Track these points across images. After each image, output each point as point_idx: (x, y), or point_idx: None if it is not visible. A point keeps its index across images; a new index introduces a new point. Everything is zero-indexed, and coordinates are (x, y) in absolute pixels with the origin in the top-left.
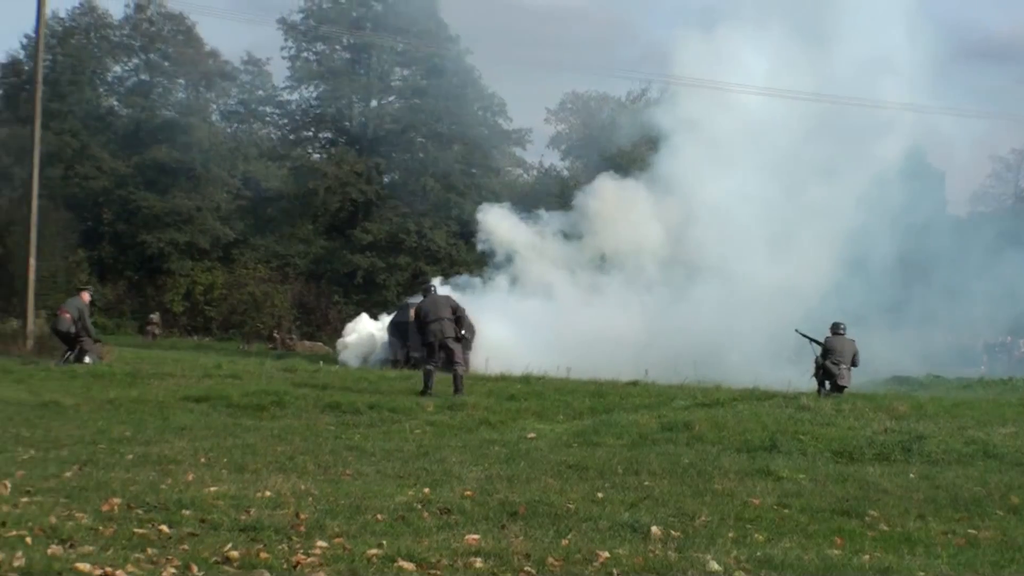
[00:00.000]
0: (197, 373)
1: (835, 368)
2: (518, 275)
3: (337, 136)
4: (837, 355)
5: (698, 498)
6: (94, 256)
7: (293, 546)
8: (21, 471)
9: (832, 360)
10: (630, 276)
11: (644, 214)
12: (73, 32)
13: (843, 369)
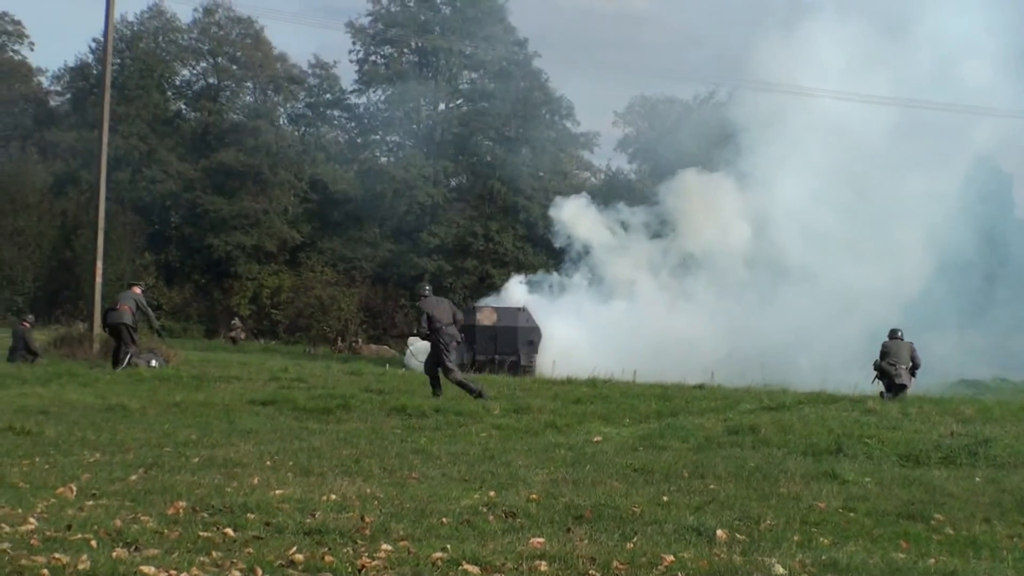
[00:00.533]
0: (263, 376)
1: (891, 368)
2: (596, 272)
3: (404, 139)
4: (893, 356)
5: (763, 502)
6: (161, 259)
7: (358, 549)
8: (87, 474)
9: (888, 361)
10: (713, 276)
11: (729, 211)
12: (141, 36)
13: (900, 369)
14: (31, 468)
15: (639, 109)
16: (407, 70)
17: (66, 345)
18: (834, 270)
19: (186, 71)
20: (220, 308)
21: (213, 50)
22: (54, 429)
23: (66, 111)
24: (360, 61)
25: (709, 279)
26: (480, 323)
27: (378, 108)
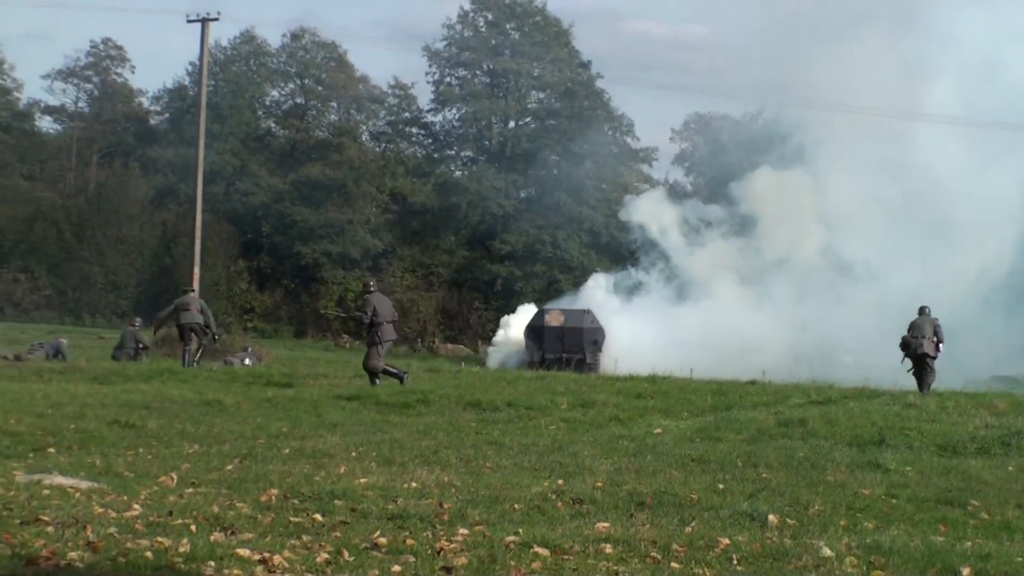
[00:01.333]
0: (348, 374)
1: (914, 341)
2: (671, 270)
3: (478, 154)
4: (918, 330)
5: (812, 489)
6: (253, 266)
7: (437, 533)
8: (186, 464)
9: (912, 334)
10: (784, 275)
11: (803, 209)
12: (234, 60)
13: (922, 340)
14: (135, 458)
15: (694, 125)
16: (479, 90)
17: (166, 345)
18: (896, 273)
19: (275, 92)
20: (308, 311)
21: (300, 72)
22: (156, 422)
23: (165, 129)
24: (436, 82)
25: (779, 278)
26: (548, 324)
27: (453, 125)
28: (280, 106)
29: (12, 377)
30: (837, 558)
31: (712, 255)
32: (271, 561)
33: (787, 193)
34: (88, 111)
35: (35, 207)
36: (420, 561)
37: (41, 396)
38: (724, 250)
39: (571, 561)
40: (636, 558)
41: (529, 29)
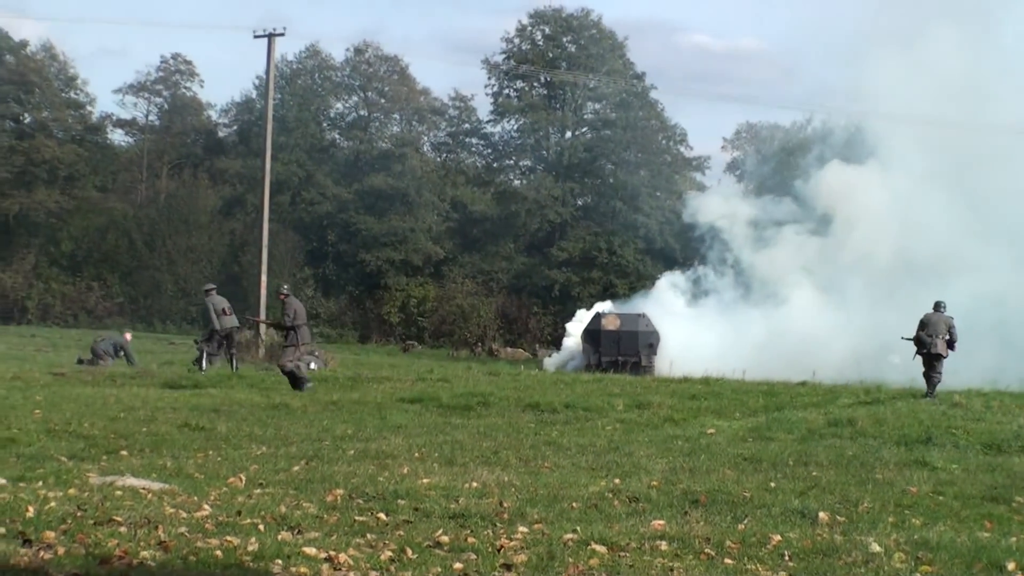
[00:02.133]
0: (411, 377)
1: (928, 339)
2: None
3: (535, 164)
4: (931, 328)
5: (861, 487)
6: (319, 273)
7: (497, 531)
8: (255, 465)
9: (926, 333)
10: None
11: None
12: (299, 74)
13: (936, 339)
14: (205, 460)
15: (745, 135)
16: (537, 102)
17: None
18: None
19: (339, 104)
20: (372, 316)
21: (363, 85)
22: (225, 425)
23: (233, 141)
24: (495, 94)
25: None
26: (605, 328)
27: (511, 136)
28: (344, 118)
29: (86, 382)
30: (886, 554)
31: (783, 254)
32: (337, 559)
33: (859, 189)
34: (159, 124)
35: (108, 218)
36: (481, 559)
37: (114, 400)
38: (796, 249)
39: (627, 558)
40: (690, 555)
41: (585, 42)
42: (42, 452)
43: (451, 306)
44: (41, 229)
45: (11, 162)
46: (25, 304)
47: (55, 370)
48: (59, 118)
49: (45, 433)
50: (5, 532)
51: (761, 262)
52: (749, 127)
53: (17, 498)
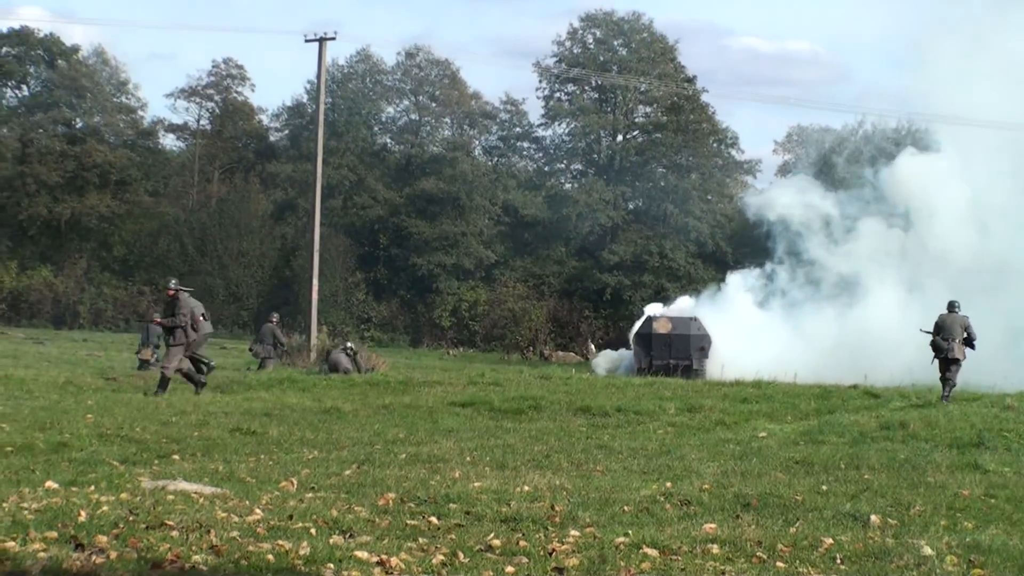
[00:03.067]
0: (463, 381)
1: (944, 343)
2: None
3: (587, 167)
4: (947, 331)
5: (913, 490)
6: (370, 277)
7: (549, 535)
8: (306, 470)
9: (942, 336)
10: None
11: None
12: (350, 78)
13: (952, 344)
14: (256, 464)
15: (796, 138)
16: (588, 105)
17: (286, 355)
18: None
19: (390, 108)
20: (423, 320)
21: (414, 89)
22: (276, 429)
23: (284, 145)
24: (546, 98)
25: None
26: (656, 331)
27: (562, 140)
28: (395, 122)
29: (138, 387)
30: (938, 557)
31: (863, 248)
32: (388, 563)
33: (935, 180)
34: (210, 129)
35: (159, 222)
36: (533, 562)
37: (166, 405)
38: (876, 243)
39: (679, 561)
40: (742, 558)
41: (636, 46)
42: (94, 456)
43: (502, 310)
44: (93, 234)
45: (63, 167)
46: (77, 309)
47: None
48: (111, 123)
49: (97, 437)
50: (58, 536)
51: (837, 258)
52: (800, 130)
53: (69, 502)
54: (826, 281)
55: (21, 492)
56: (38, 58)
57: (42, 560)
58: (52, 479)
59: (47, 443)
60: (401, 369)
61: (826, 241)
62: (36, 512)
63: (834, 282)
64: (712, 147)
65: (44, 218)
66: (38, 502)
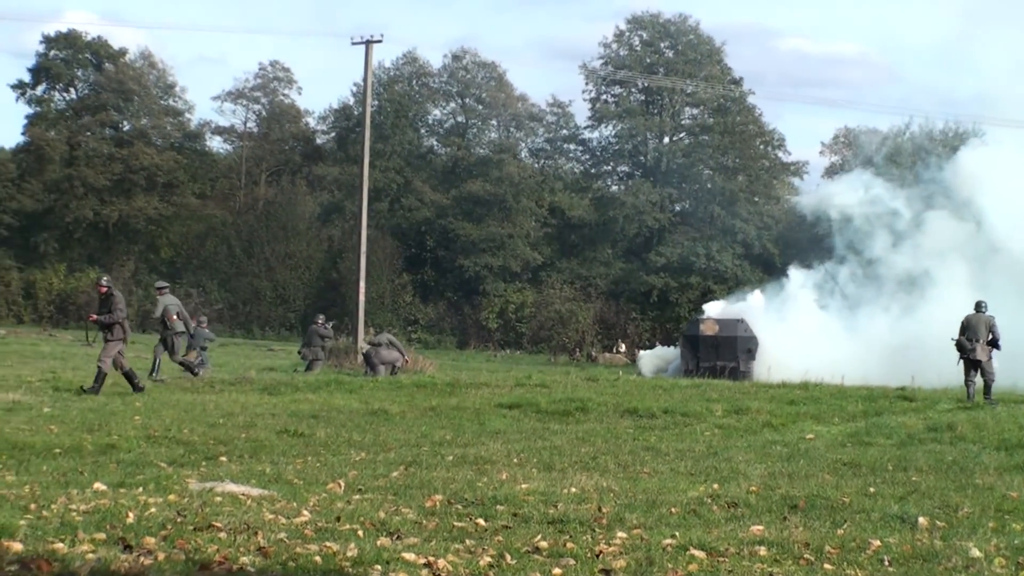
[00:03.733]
0: (509, 383)
1: (968, 344)
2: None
3: (633, 169)
4: (972, 331)
5: (961, 492)
6: (417, 279)
7: (596, 537)
8: (354, 471)
9: (967, 336)
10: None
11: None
12: (397, 80)
13: (977, 344)
14: (304, 466)
15: (843, 139)
16: (635, 107)
17: (333, 356)
18: None
19: (437, 111)
20: (470, 322)
21: (461, 92)
22: (324, 431)
23: (331, 148)
24: (593, 100)
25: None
26: (703, 333)
27: (609, 142)
28: (442, 124)
29: (186, 388)
30: (986, 559)
31: (927, 244)
32: (435, 565)
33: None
34: (257, 131)
35: (207, 224)
36: (580, 564)
37: (213, 407)
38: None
39: (726, 563)
40: (790, 560)
41: (683, 48)
42: (142, 458)
43: (549, 311)
44: (141, 236)
45: (111, 170)
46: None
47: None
48: (158, 125)
49: (145, 439)
50: (106, 538)
51: (902, 255)
52: (847, 131)
53: (117, 504)
54: (889, 279)
55: (69, 494)
56: (86, 61)
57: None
58: (100, 481)
59: (95, 445)
60: (448, 371)
61: (890, 237)
62: (84, 514)
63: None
64: (759, 149)
65: (92, 221)
66: (86, 504)
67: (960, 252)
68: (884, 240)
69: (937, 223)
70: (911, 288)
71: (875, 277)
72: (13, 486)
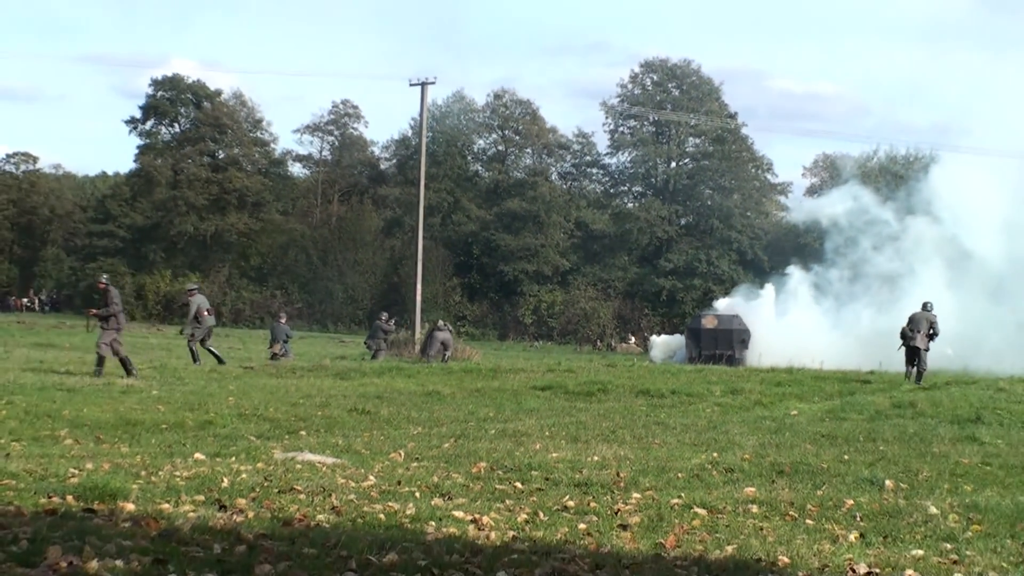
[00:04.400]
0: (542, 369)
1: (910, 332)
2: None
3: (646, 189)
4: (915, 324)
5: (920, 459)
6: (465, 282)
7: (615, 497)
8: (412, 443)
9: (910, 327)
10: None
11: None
12: (447, 115)
13: (917, 335)
14: (370, 439)
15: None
16: (647, 137)
17: (394, 347)
18: None
19: (481, 141)
20: (509, 318)
21: (501, 125)
22: (387, 410)
23: (392, 172)
24: (611, 131)
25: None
26: (704, 327)
27: (625, 166)
28: (485, 152)
29: (271, 374)
30: (942, 515)
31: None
32: (481, 521)
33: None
34: (330, 158)
35: (288, 237)
36: (601, 520)
37: (294, 389)
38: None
39: (724, 519)
40: (777, 516)
41: (686, 87)
42: (235, 433)
43: (575, 309)
44: (233, 247)
45: (208, 191)
46: (220, 309)
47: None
48: (247, 154)
49: (237, 417)
50: (204, 499)
51: (885, 257)
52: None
53: (214, 471)
54: (874, 277)
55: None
56: (187, 101)
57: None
58: (200, 452)
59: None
60: (490, 359)
61: (874, 241)
62: (186, 479)
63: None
64: (751, 172)
65: (192, 234)
66: (188, 471)
67: (937, 255)
68: (868, 244)
69: (916, 229)
70: (892, 287)
71: (861, 276)
72: (127, 456)
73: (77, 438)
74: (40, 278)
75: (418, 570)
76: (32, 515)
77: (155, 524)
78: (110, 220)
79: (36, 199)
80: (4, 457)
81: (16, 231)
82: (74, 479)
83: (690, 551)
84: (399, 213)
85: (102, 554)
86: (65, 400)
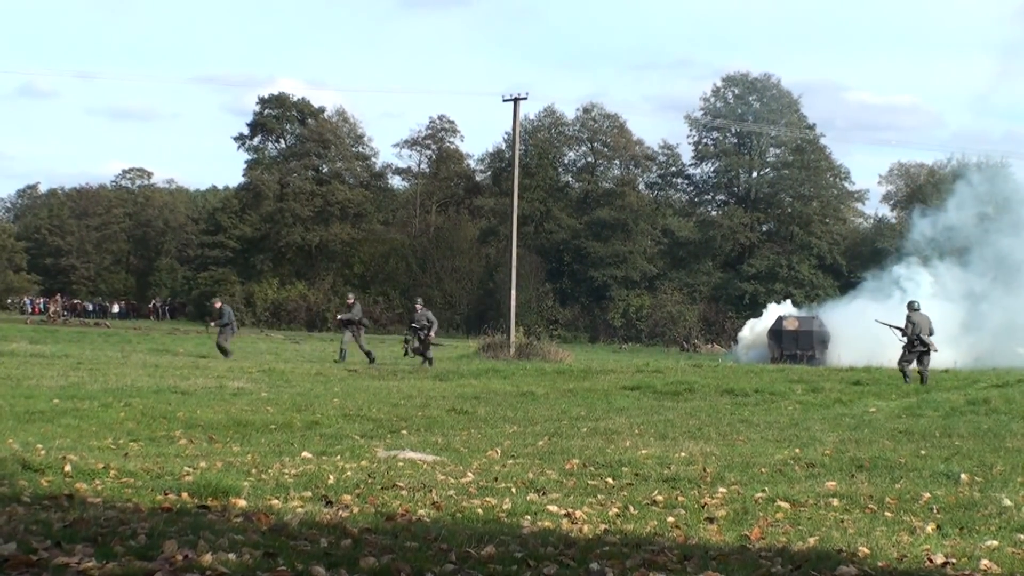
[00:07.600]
0: (631, 369)
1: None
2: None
3: (729, 198)
4: (919, 326)
5: (994, 453)
6: (557, 288)
7: (702, 492)
8: (508, 441)
9: (916, 331)
10: None
11: None
12: (539, 129)
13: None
14: (468, 437)
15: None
16: (729, 148)
17: (491, 350)
18: None
19: (571, 153)
20: (599, 322)
21: (590, 137)
22: (484, 409)
23: (487, 184)
24: (695, 143)
25: None
26: (786, 328)
27: (709, 176)
28: (575, 164)
29: (374, 376)
30: (1015, 507)
31: None
32: (574, 515)
33: None
34: (428, 171)
35: (389, 246)
36: (689, 514)
37: (396, 391)
38: None
39: (806, 512)
40: (857, 509)
41: (767, 100)
42: (340, 432)
43: (663, 312)
44: (337, 255)
45: (313, 203)
46: (325, 315)
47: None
48: (350, 168)
49: (342, 417)
50: (311, 495)
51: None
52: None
53: (321, 469)
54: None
55: (283, 461)
56: (293, 118)
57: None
58: (307, 450)
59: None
60: (582, 360)
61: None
62: (294, 476)
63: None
64: (829, 180)
65: (298, 244)
66: (296, 469)
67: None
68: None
69: None
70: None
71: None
72: (238, 455)
73: (191, 438)
74: (155, 287)
75: (515, 562)
76: (149, 511)
77: (265, 519)
78: (220, 232)
79: (151, 212)
80: (123, 457)
81: (132, 242)
82: (188, 477)
83: (774, 543)
84: (494, 222)
85: (215, 548)
86: (179, 402)
